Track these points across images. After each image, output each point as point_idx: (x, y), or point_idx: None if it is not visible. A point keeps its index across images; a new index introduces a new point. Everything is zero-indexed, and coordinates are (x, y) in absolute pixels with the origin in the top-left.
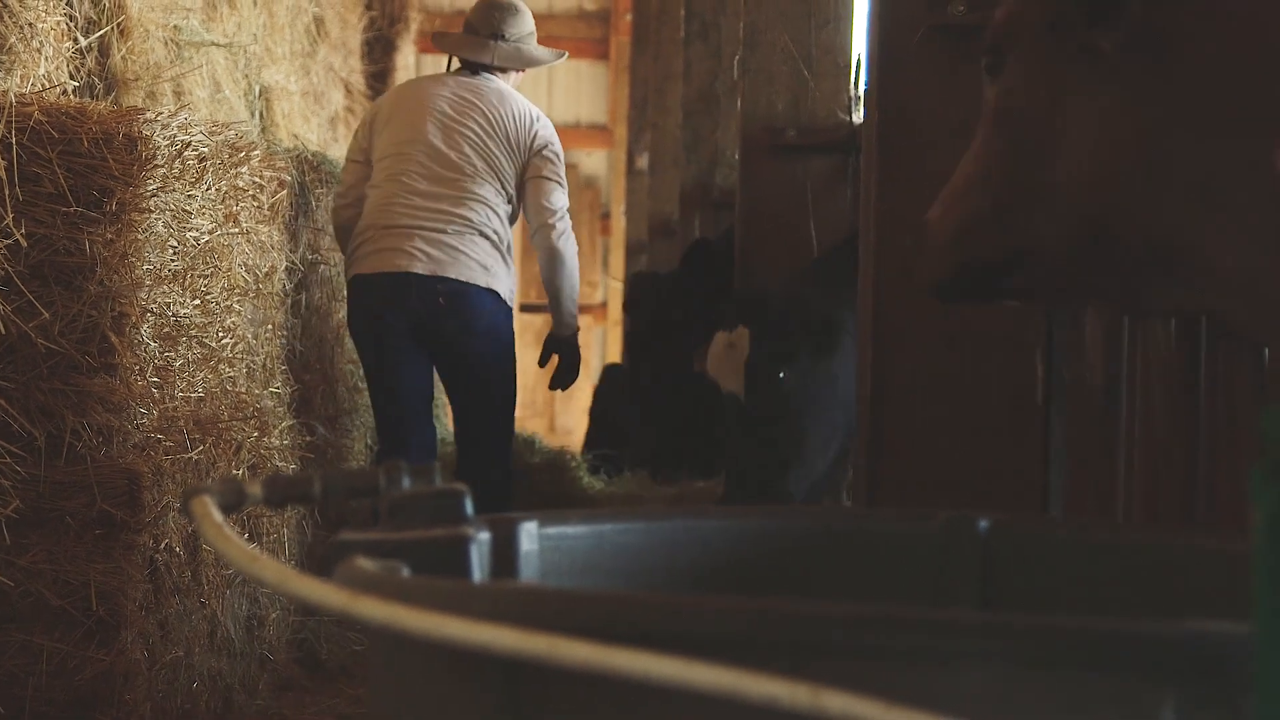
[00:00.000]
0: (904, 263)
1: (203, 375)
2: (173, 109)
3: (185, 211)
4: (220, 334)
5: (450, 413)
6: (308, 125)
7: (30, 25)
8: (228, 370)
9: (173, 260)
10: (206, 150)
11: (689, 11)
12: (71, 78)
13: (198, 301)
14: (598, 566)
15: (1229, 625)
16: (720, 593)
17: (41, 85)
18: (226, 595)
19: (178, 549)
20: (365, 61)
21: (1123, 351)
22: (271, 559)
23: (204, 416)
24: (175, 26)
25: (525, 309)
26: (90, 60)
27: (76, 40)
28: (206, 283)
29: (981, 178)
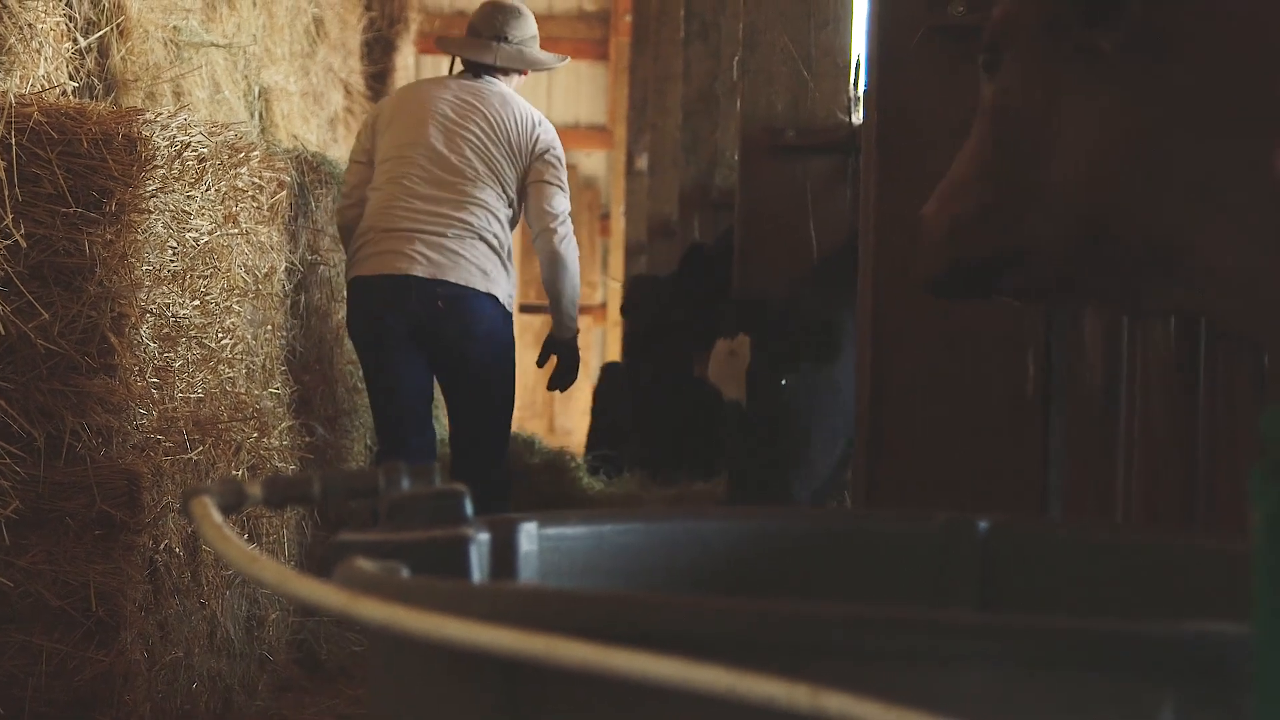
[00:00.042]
0: (902, 260)
1: (202, 376)
2: (172, 110)
3: (185, 212)
4: (220, 335)
5: (447, 414)
6: (307, 126)
7: (30, 26)
8: (227, 371)
9: (172, 261)
10: (206, 151)
11: (688, 12)
12: (71, 78)
13: (197, 302)
14: (597, 567)
15: (1228, 626)
16: (720, 593)
17: (41, 86)
18: (226, 596)
19: (177, 550)
20: (365, 62)
21: (1122, 351)
22: (271, 560)
23: (203, 417)
24: (175, 27)
25: (525, 309)
26: (90, 61)
27: (76, 41)
28: (206, 283)
29: (977, 176)
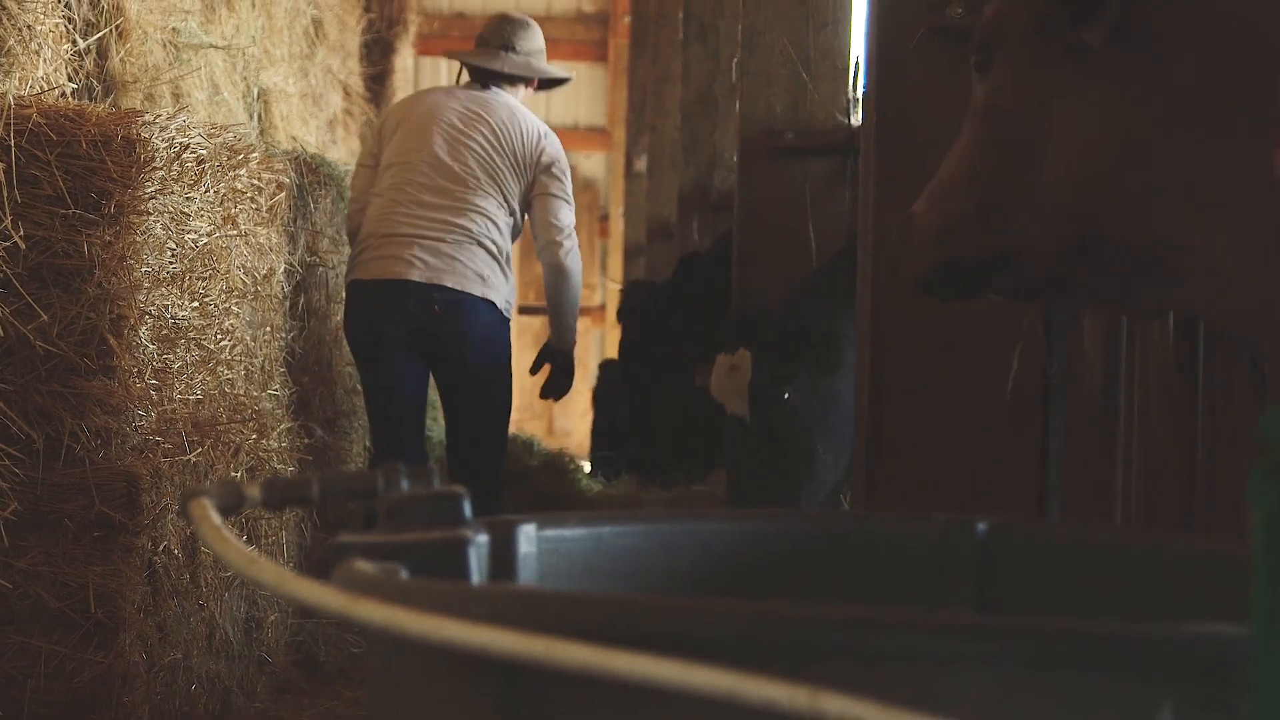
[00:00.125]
0: (892, 259)
1: (201, 377)
2: (171, 111)
3: (184, 214)
4: (219, 336)
5: (444, 417)
6: (306, 127)
7: (29, 27)
8: (226, 372)
9: (171, 262)
10: (205, 152)
11: (687, 14)
12: (70, 80)
13: (196, 304)
14: (596, 569)
15: (1227, 627)
16: (720, 595)
17: (40, 87)
18: (225, 598)
19: (176, 551)
20: (364, 64)
21: (1121, 351)
22: (270, 561)
23: (202, 419)
24: (174, 29)
25: (524, 311)
26: (89, 62)
27: (75, 42)
28: (205, 285)
29: (968, 175)
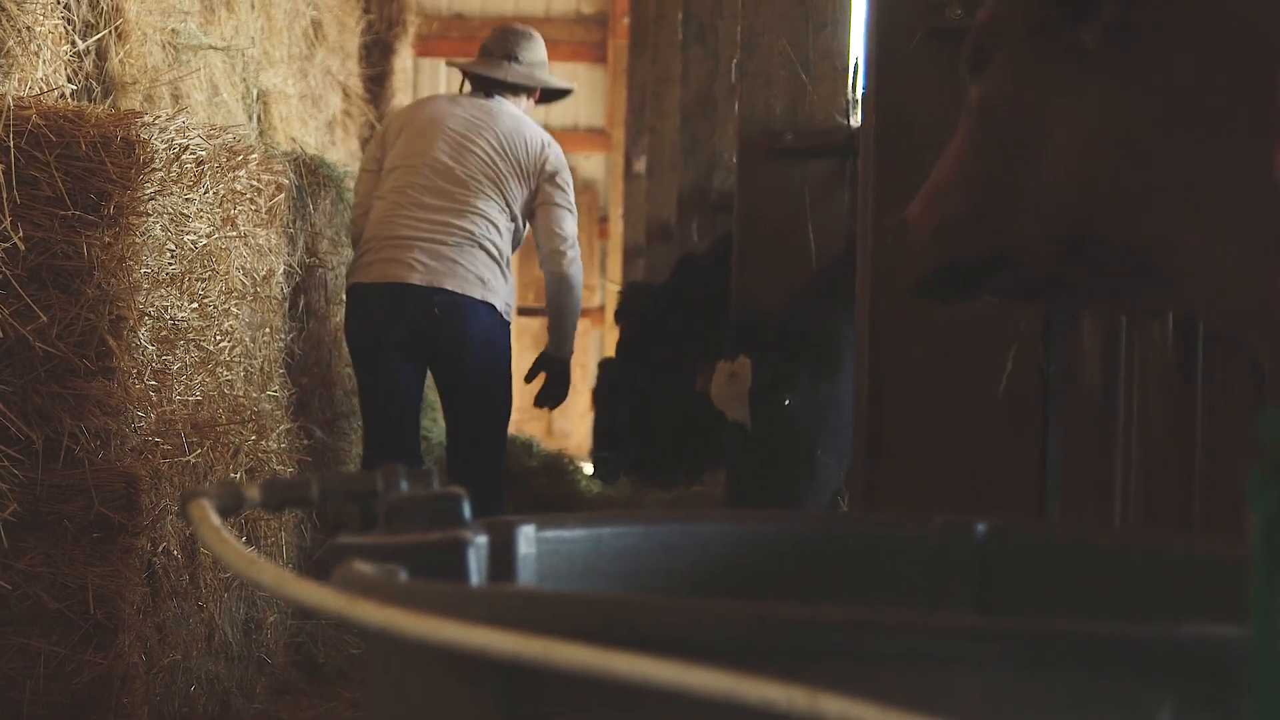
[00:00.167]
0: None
1: (200, 379)
2: (170, 112)
3: (183, 215)
4: (218, 337)
5: (444, 418)
6: (305, 128)
7: (28, 29)
8: (225, 373)
9: (170, 264)
10: (204, 154)
11: (687, 15)
12: (69, 81)
13: (195, 305)
14: (596, 570)
15: (1227, 628)
16: (719, 596)
17: (39, 89)
18: (224, 599)
19: (175, 552)
20: (363, 65)
21: (1121, 352)
22: (269, 562)
23: (202, 420)
24: (173, 30)
25: (523, 312)
26: (88, 64)
27: (74, 44)
28: (204, 286)
29: (964, 177)
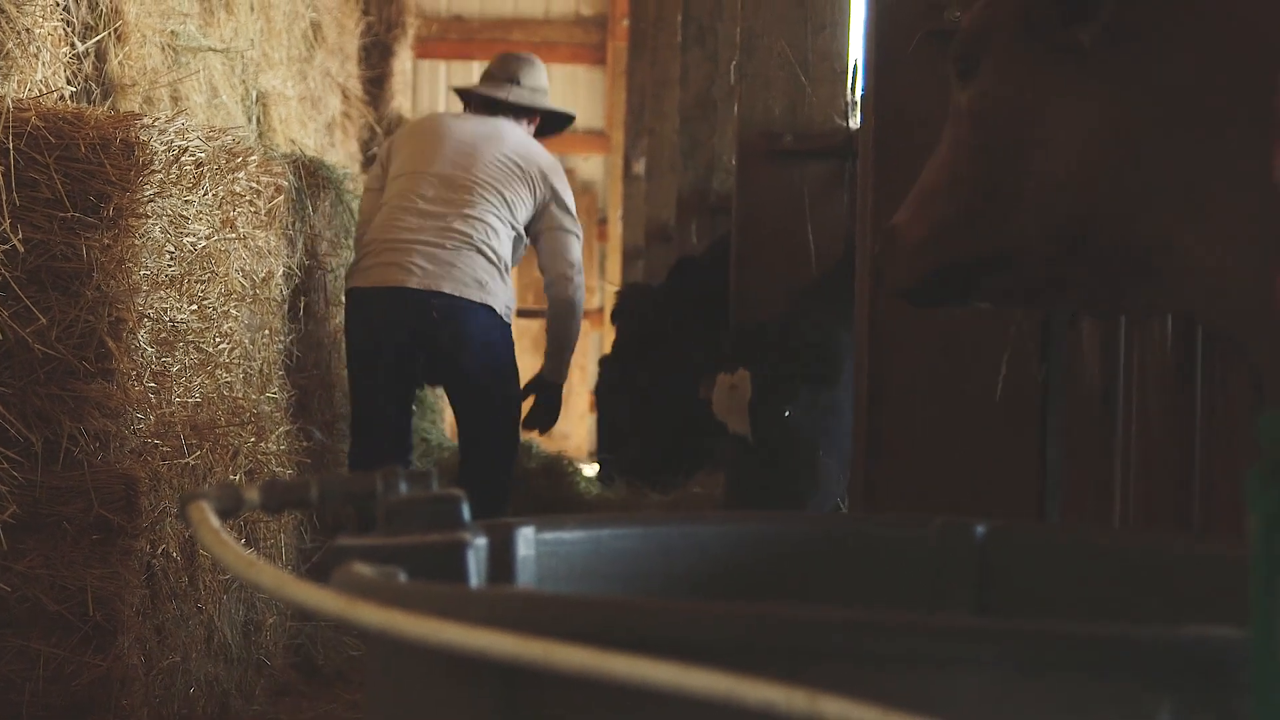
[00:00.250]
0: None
1: (200, 380)
2: (170, 114)
3: (182, 217)
4: (217, 339)
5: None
6: (305, 130)
7: (27, 31)
8: (225, 375)
9: (170, 265)
10: (203, 155)
11: (686, 17)
12: (69, 83)
13: (195, 307)
14: (595, 572)
15: (1226, 630)
16: (718, 598)
17: (39, 91)
18: (223, 600)
19: (175, 554)
20: (362, 67)
21: (1120, 352)
22: (269, 564)
23: (201, 422)
24: (172, 32)
25: (522, 314)
26: (87, 65)
27: (74, 45)
28: (203, 288)
29: (956, 180)
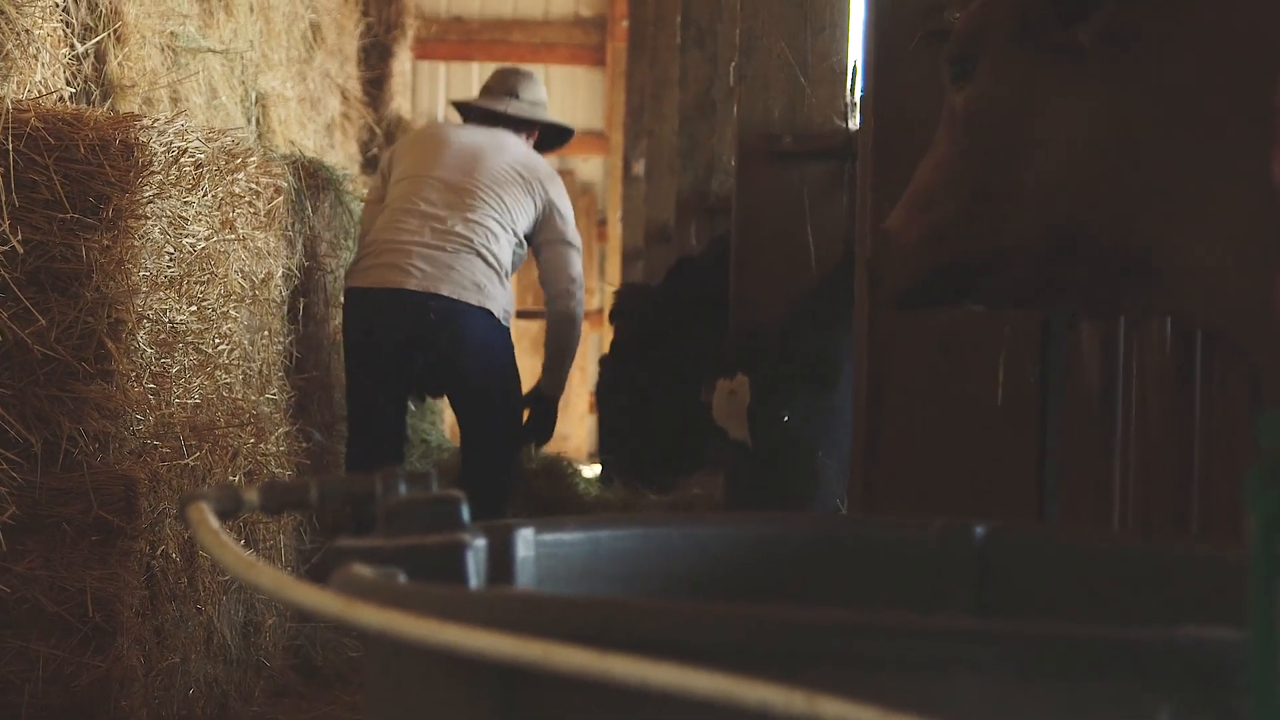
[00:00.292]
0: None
1: (199, 381)
2: (169, 115)
3: (182, 218)
4: (217, 340)
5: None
6: (304, 131)
7: (27, 32)
8: (224, 376)
9: (169, 267)
10: (203, 157)
11: (685, 18)
12: (68, 84)
13: (194, 308)
14: (594, 573)
15: (1225, 631)
16: (717, 599)
17: (38, 92)
18: (223, 601)
19: (174, 555)
20: (362, 68)
21: (1119, 354)
22: (268, 565)
23: (200, 423)
24: (172, 33)
25: (522, 315)
26: (87, 67)
27: (73, 46)
28: (203, 289)
29: (951, 182)
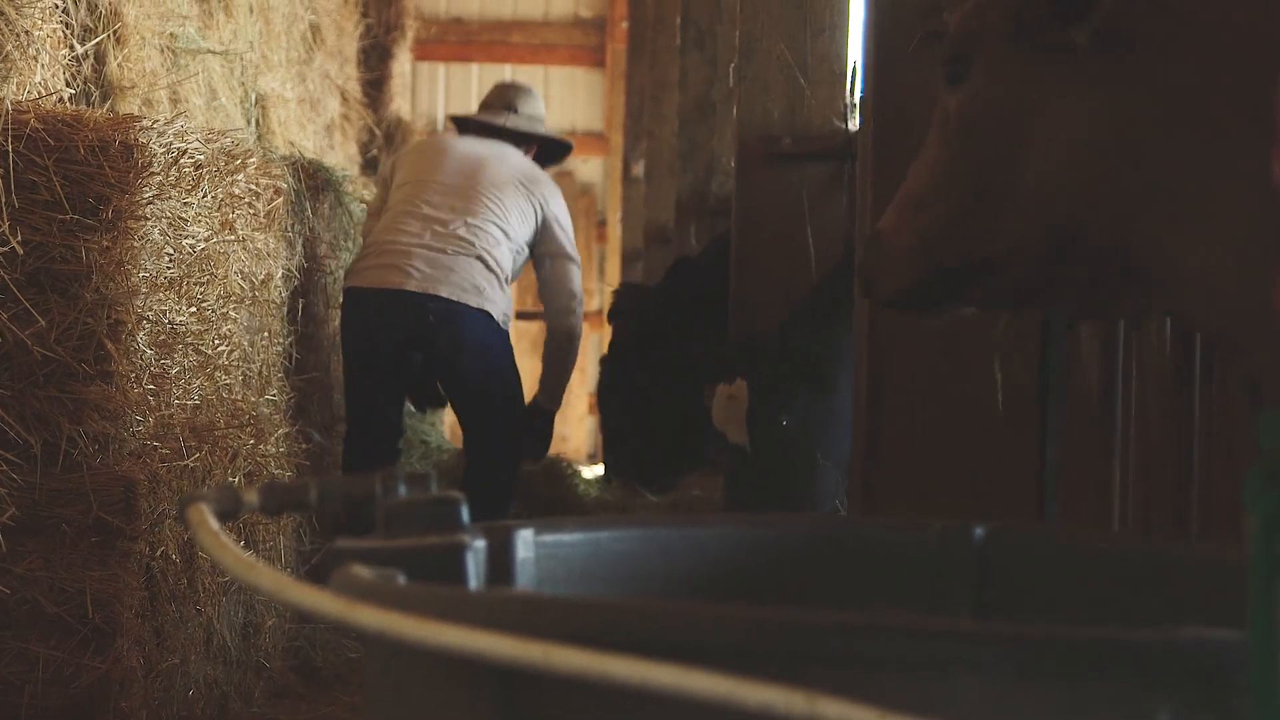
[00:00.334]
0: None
1: (199, 383)
2: (169, 116)
3: (181, 219)
4: (216, 341)
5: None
6: (304, 132)
7: (26, 33)
8: (224, 377)
9: (169, 268)
10: (203, 158)
11: (685, 19)
12: (67, 85)
13: (194, 309)
14: (594, 574)
15: (1225, 631)
16: (718, 600)
17: (38, 93)
18: (222, 602)
19: (174, 556)
20: (361, 69)
21: (1119, 355)
22: (268, 566)
23: (200, 424)
24: (171, 34)
25: (521, 316)
26: (86, 68)
27: (73, 47)
28: (203, 290)
29: (943, 185)
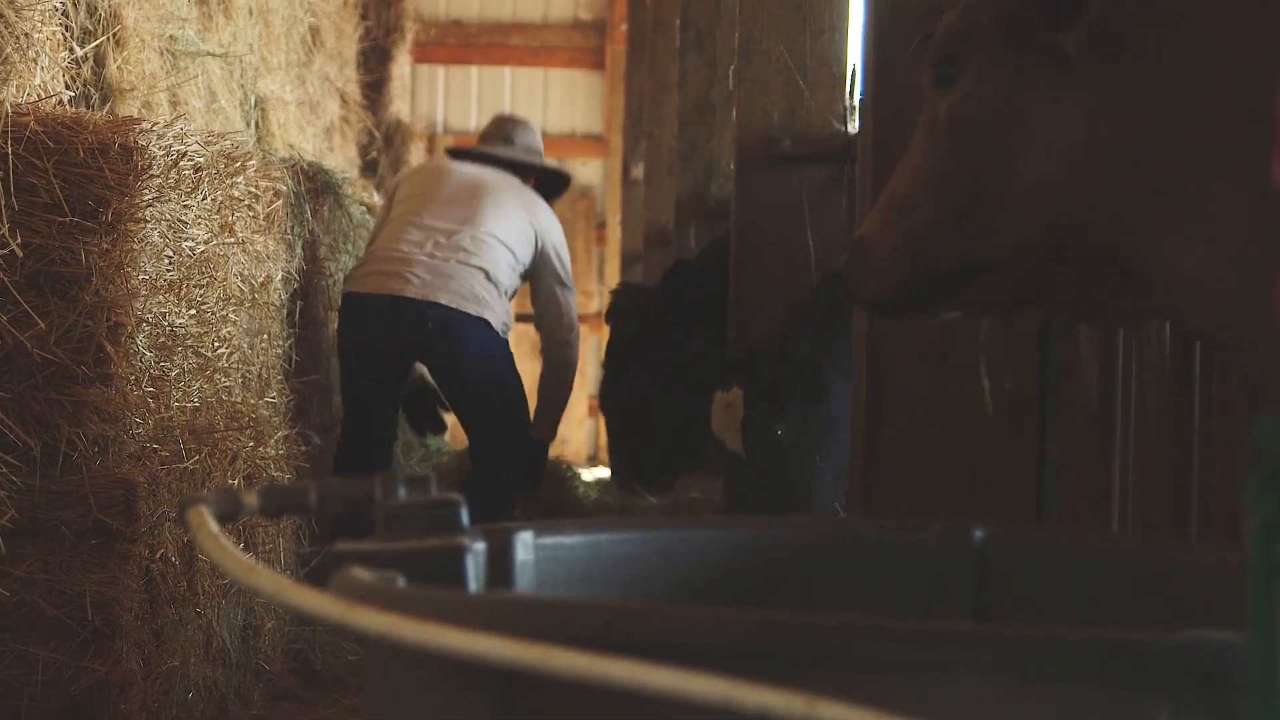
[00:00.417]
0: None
1: (198, 385)
2: (168, 119)
3: (181, 221)
4: (216, 344)
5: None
6: (303, 135)
7: (26, 35)
8: (223, 380)
9: (168, 270)
10: (202, 160)
11: (684, 21)
12: (67, 88)
13: (193, 311)
14: (594, 577)
15: (1224, 633)
16: (717, 603)
17: (37, 95)
18: (222, 605)
19: (173, 559)
20: (361, 71)
21: (1118, 357)
22: (267, 569)
23: (200, 426)
24: (171, 36)
25: (521, 319)
26: (86, 70)
27: (72, 50)
28: (202, 292)
29: (930, 188)
